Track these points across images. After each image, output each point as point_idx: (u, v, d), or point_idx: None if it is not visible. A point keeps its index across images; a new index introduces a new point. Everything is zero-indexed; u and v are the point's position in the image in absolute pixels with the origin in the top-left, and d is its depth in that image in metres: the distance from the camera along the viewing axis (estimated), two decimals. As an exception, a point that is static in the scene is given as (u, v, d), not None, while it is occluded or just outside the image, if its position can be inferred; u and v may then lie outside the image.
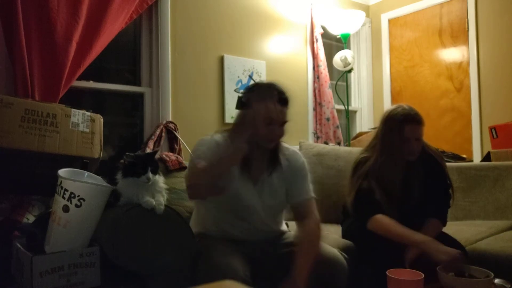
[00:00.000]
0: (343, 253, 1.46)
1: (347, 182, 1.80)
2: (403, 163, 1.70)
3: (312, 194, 1.50)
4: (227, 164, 1.25)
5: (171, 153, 2.25)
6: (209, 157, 1.30)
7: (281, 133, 1.39)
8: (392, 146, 1.66)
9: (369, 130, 3.54)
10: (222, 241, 1.39)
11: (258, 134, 1.33)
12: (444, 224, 1.73)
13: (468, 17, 3.28)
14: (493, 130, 2.79)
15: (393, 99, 3.82)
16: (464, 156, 3.08)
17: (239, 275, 1.20)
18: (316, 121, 3.30)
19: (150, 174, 1.34)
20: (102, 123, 1.68)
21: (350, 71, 3.32)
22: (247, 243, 1.42)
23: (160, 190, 1.39)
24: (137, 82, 2.56)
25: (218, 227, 1.46)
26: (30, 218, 1.61)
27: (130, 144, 2.53)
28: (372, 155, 1.72)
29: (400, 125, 1.64)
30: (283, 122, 1.37)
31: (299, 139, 2.71)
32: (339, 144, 3.22)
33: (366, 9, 3.95)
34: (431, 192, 1.70)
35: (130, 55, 2.60)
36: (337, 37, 3.32)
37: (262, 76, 2.99)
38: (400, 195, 1.69)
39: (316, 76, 3.33)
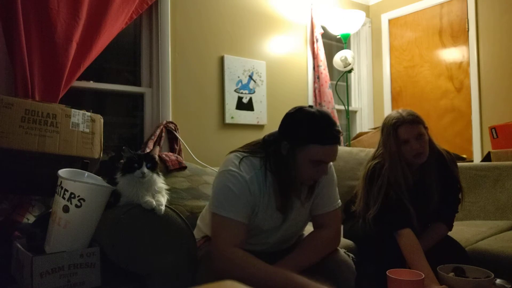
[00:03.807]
0: (351, 254, 1.45)
1: (360, 190, 1.76)
2: (416, 167, 1.67)
3: (337, 204, 1.41)
4: None
5: (171, 153, 2.25)
6: (241, 211, 1.22)
7: (326, 172, 1.30)
8: (394, 151, 1.63)
9: (369, 130, 3.54)
10: None
11: (304, 175, 1.26)
12: (450, 229, 1.72)
13: (468, 17, 3.28)
14: (493, 130, 2.79)
15: (393, 99, 3.82)
16: (464, 156, 3.09)
17: None
18: (316, 121, 3.30)
19: (145, 169, 1.32)
20: (102, 123, 1.68)
21: (350, 71, 3.32)
22: (258, 252, 1.38)
23: (160, 190, 1.39)
24: (137, 83, 2.56)
25: None
26: (30, 218, 1.61)
27: (130, 144, 2.52)
28: (384, 162, 1.68)
29: (393, 129, 1.63)
30: (335, 160, 1.28)
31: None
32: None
33: (366, 9, 3.95)
34: (442, 196, 1.69)
35: (130, 55, 2.60)
36: (337, 37, 3.32)
37: (262, 76, 2.99)
38: (419, 201, 1.67)
39: (316, 76, 3.33)
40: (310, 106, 1.27)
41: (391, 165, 1.65)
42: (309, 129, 1.21)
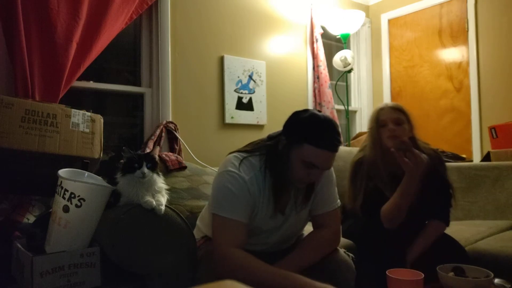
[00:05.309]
0: (351, 254, 1.45)
1: (348, 185, 1.79)
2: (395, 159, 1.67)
3: (336, 204, 1.42)
4: None
5: (171, 153, 2.25)
6: (241, 211, 1.22)
7: (318, 179, 1.31)
8: (375, 135, 1.71)
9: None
10: None
11: (295, 175, 1.25)
12: (447, 224, 1.72)
13: (468, 17, 3.29)
14: (493, 130, 2.79)
15: (393, 99, 3.82)
16: (464, 156, 3.09)
17: None
18: (316, 121, 3.30)
19: (146, 169, 1.32)
20: (102, 123, 1.68)
21: (350, 71, 3.32)
22: (258, 252, 1.38)
23: (160, 190, 1.39)
24: (137, 83, 2.56)
25: None
26: (30, 218, 1.61)
27: (130, 144, 2.53)
28: (366, 154, 1.75)
29: (376, 113, 1.73)
30: (328, 168, 1.29)
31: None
32: (339, 144, 3.22)
33: (366, 9, 3.95)
34: (431, 194, 1.69)
35: (130, 56, 2.60)
36: (337, 37, 3.32)
37: (262, 76, 2.99)
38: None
39: (316, 76, 3.33)
40: (319, 111, 1.27)
41: (371, 148, 1.72)
42: (308, 129, 1.20)
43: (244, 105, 2.89)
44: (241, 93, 2.87)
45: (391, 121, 1.67)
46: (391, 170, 1.68)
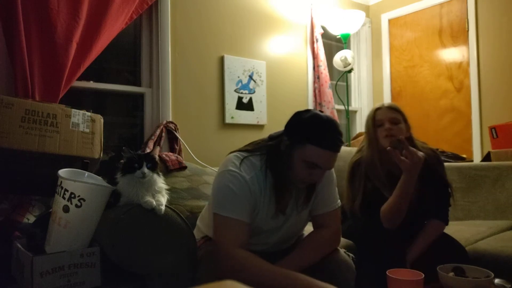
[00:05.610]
0: (351, 254, 1.45)
1: (346, 186, 1.80)
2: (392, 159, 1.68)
3: (336, 204, 1.42)
4: None
5: (171, 153, 2.25)
6: (243, 210, 1.22)
7: (319, 179, 1.31)
8: (372, 137, 1.72)
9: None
10: None
11: (296, 175, 1.25)
12: (446, 223, 1.73)
13: (468, 17, 3.29)
14: (493, 130, 2.79)
15: (393, 99, 3.82)
16: (464, 156, 3.09)
17: None
18: (316, 121, 3.30)
19: (146, 170, 1.32)
20: (102, 123, 1.68)
21: (350, 71, 3.32)
22: (258, 252, 1.39)
23: (160, 190, 1.39)
24: (138, 83, 2.56)
25: None
26: (30, 218, 1.61)
27: (130, 144, 2.52)
28: (364, 155, 1.75)
29: (373, 113, 1.75)
30: (330, 168, 1.29)
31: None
32: (339, 144, 3.21)
33: (366, 9, 3.95)
34: (429, 193, 1.70)
35: (130, 56, 2.60)
36: (337, 37, 3.32)
37: (262, 76, 2.99)
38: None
39: (316, 76, 3.33)
40: (321, 111, 1.27)
41: (368, 148, 1.73)
42: (311, 129, 1.20)
43: (244, 105, 2.89)
44: (241, 93, 2.87)
45: (388, 120, 1.68)
46: (388, 170, 1.68)
